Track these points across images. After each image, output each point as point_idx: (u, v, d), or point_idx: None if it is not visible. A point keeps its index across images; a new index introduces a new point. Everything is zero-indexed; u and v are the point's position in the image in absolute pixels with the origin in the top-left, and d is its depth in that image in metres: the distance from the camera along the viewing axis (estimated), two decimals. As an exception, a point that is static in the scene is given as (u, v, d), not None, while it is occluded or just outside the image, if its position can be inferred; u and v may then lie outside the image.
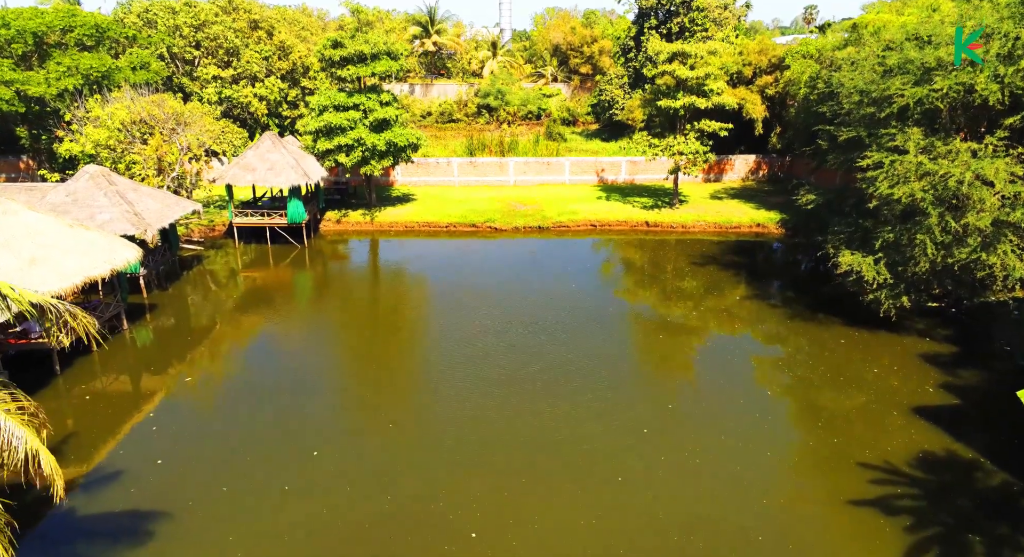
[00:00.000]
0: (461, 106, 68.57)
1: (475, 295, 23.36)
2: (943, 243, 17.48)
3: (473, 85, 69.64)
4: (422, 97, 70.69)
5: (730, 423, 15.44)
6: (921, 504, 12.46)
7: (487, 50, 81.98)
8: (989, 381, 17.08)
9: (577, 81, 74.42)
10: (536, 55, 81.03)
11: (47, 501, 12.79)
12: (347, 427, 15.78)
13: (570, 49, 75.63)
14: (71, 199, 21.43)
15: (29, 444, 7.74)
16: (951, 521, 11.94)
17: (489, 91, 65.11)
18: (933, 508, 12.32)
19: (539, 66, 78.78)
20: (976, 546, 11.33)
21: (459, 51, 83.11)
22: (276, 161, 28.04)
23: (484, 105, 66.07)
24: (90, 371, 18.18)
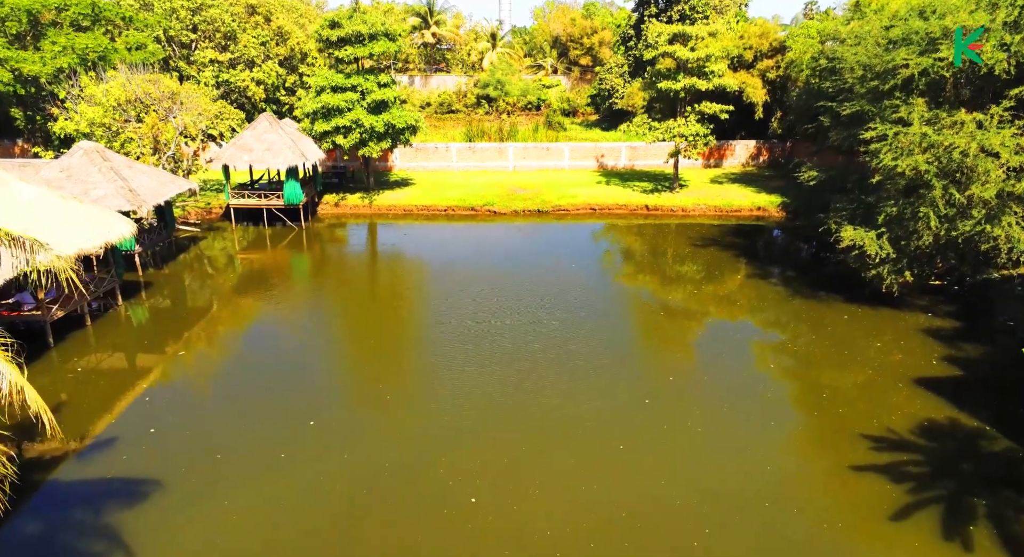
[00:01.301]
0: (460, 97, 68.20)
1: (474, 276, 23.15)
2: (947, 216, 17.28)
3: (472, 76, 69.31)
4: (421, 88, 70.31)
5: (732, 395, 15.28)
6: (925, 470, 12.30)
7: (486, 41, 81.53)
8: (992, 355, 16.92)
9: (577, 73, 74.05)
10: (536, 48, 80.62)
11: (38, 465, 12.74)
12: (344, 400, 15.61)
13: (570, 40, 75.26)
14: (65, 175, 21.19)
15: (13, 379, 7.54)
16: (954, 486, 11.79)
17: (488, 81, 64.74)
18: (937, 473, 12.17)
19: (539, 58, 78.42)
20: (980, 509, 11.18)
21: (458, 43, 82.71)
22: (273, 142, 27.80)
23: (483, 96, 65.70)
24: (84, 345, 17.98)
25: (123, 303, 20.41)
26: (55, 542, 10.77)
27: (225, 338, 19.03)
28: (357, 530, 10.98)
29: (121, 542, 10.59)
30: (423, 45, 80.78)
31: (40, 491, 12.00)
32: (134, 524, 11.06)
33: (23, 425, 13.95)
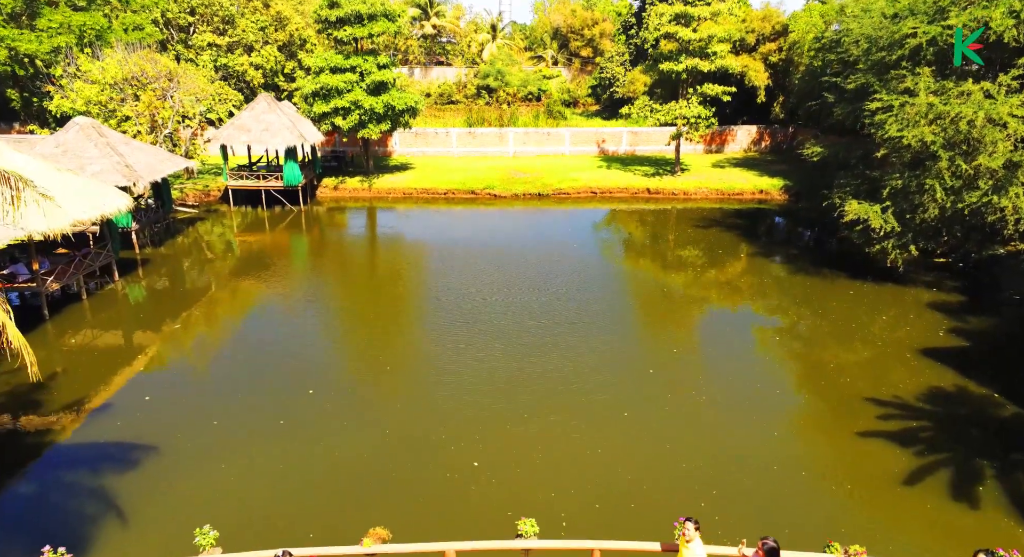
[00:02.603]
0: (460, 88, 67.78)
1: (475, 256, 22.94)
2: (953, 188, 17.08)
3: (472, 68, 68.92)
4: (421, 80, 69.95)
5: (737, 366, 15.11)
6: (930, 434, 12.13)
7: (487, 33, 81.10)
8: (999, 326, 16.75)
9: (578, 64, 73.61)
10: (536, 42, 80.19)
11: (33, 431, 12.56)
12: (344, 371, 15.41)
13: (570, 32, 74.72)
14: (60, 150, 20.94)
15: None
16: (961, 448, 11.62)
17: (489, 72, 64.31)
18: (943, 437, 12.01)
19: (539, 50, 78.00)
20: (987, 470, 11.02)
21: (458, 34, 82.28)
22: (272, 122, 27.53)
23: (484, 86, 65.27)
24: (80, 318, 17.77)
25: (119, 279, 20.19)
26: (49, 504, 10.58)
27: (222, 314, 18.82)
28: (358, 493, 10.79)
29: (114, 503, 10.40)
30: (423, 37, 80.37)
31: (35, 455, 11.80)
32: (128, 486, 10.85)
33: (15, 393, 13.85)
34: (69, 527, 9.87)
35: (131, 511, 10.28)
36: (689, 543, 6.51)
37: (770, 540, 6.15)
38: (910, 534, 9.71)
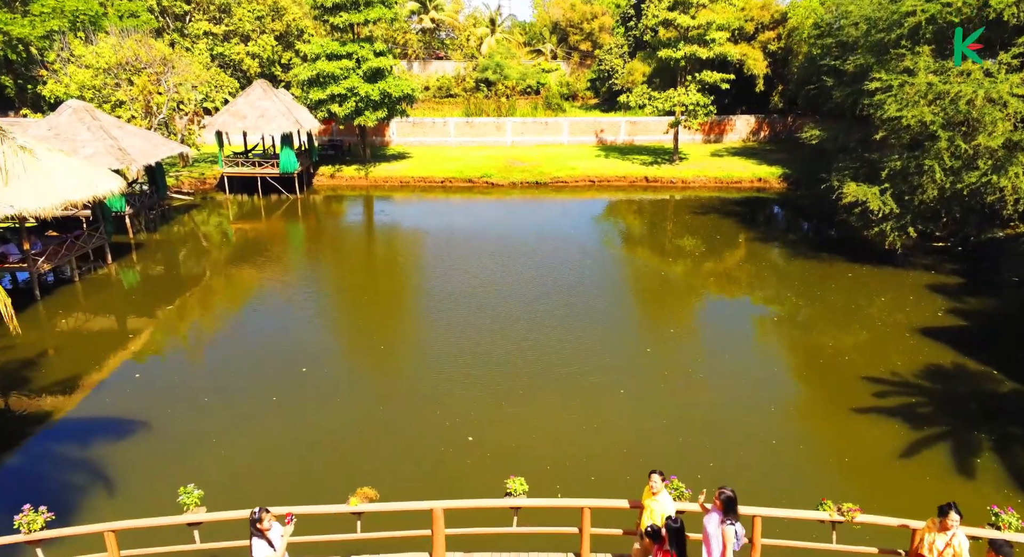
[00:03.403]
0: (459, 81, 67.48)
1: (472, 242, 22.76)
2: (952, 168, 16.96)
3: (472, 60, 68.65)
4: (420, 73, 69.70)
5: (735, 345, 15.02)
6: (929, 410, 12.01)
7: (485, 27, 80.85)
8: (998, 307, 16.66)
9: (577, 58, 73.35)
10: (535, 37, 79.94)
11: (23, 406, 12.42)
12: (338, 350, 15.28)
13: (569, 26, 74.38)
14: (53, 133, 20.75)
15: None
16: (959, 422, 11.51)
17: (488, 65, 64.05)
18: (941, 412, 11.90)
19: (538, 44, 77.75)
20: (984, 443, 10.91)
21: (457, 28, 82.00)
22: (267, 108, 27.34)
23: (482, 79, 64.98)
24: (71, 299, 17.61)
25: (113, 263, 20.02)
26: (35, 473, 10.44)
27: (217, 297, 18.66)
28: (348, 464, 10.65)
29: (100, 472, 10.26)
30: (421, 31, 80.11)
31: (23, 429, 11.66)
32: (115, 456, 10.72)
33: (5, 370, 13.71)
34: (53, 492, 9.72)
35: (117, 478, 10.15)
36: (656, 495, 6.41)
37: (727, 489, 6.08)
38: (907, 502, 9.58)
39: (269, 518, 5.92)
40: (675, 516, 6.06)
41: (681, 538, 5.87)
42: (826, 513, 6.70)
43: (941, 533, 6.02)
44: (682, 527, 5.90)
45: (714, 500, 6.13)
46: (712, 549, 6.11)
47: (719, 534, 6.00)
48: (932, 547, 6.07)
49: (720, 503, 6.05)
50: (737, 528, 6.03)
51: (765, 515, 6.74)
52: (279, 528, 6.05)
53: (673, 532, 5.82)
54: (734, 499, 6.04)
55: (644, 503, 6.54)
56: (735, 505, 6.04)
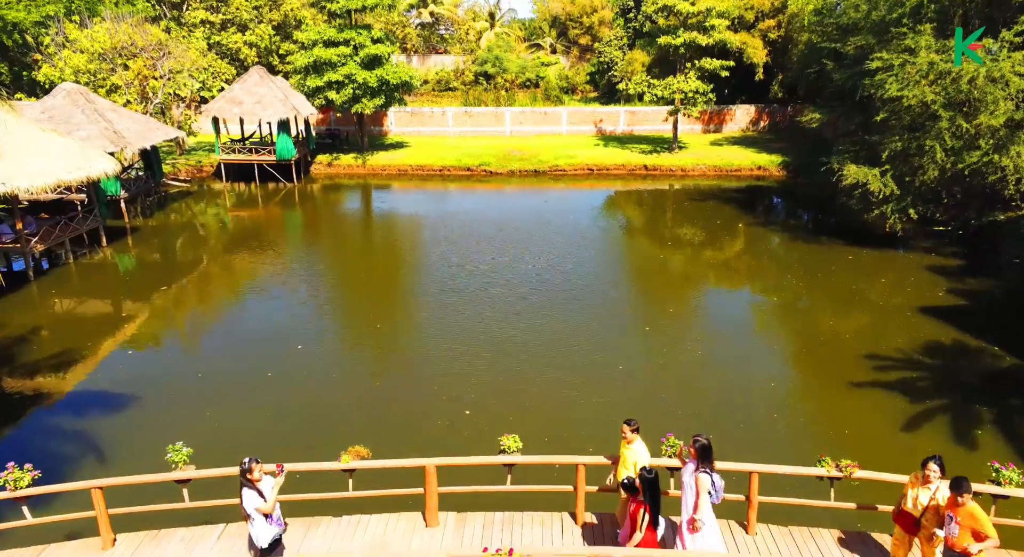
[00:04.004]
0: (458, 75, 67.27)
1: (471, 227, 22.58)
2: (953, 148, 16.80)
3: (471, 54, 68.43)
4: (419, 66, 69.46)
5: (735, 323, 14.95)
6: (928, 383, 11.91)
7: (485, 21, 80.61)
8: (998, 287, 16.57)
9: (576, 52, 73.11)
10: (534, 32, 79.68)
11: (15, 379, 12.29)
12: (334, 329, 15.16)
13: (569, 19, 74.10)
14: (47, 115, 20.58)
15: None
16: (959, 396, 11.41)
17: (487, 58, 63.83)
18: (940, 386, 11.80)
19: (537, 38, 77.50)
20: (984, 415, 10.81)
21: (456, 22, 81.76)
22: (264, 94, 27.16)
23: (481, 73, 64.77)
24: (65, 280, 17.51)
25: (107, 247, 19.88)
26: (29, 445, 10.32)
27: (212, 280, 18.54)
28: (343, 434, 10.45)
29: (93, 444, 10.15)
30: (420, 25, 79.88)
31: (13, 401, 11.55)
32: (108, 429, 10.61)
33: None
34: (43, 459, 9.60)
35: (107, 447, 10.05)
36: (630, 444, 6.28)
37: (702, 437, 5.98)
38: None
39: (259, 469, 5.81)
40: (649, 467, 5.94)
41: (655, 490, 5.75)
42: (824, 469, 6.60)
43: (924, 487, 5.92)
44: (656, 479, 5.79)
45: (689, 449, 6.02)
46: (686, 498, 6.01)
47: (693, 483, 5.90)
48: (916, 502, 5.97)
49: (695, 451, 5.94)
50: (714, 478, 5.92)
51: (762, 471, 6.64)
52: (270, 480, 5.95)
53: (647, 483, 5.71)
54: (709, 447, 5.93)
55: (620, 453, 6.42)
56: (710, 453, 5.94)
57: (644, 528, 5.63)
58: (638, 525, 5.64)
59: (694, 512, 5.87)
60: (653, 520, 5.71)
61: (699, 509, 5.84)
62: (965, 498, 5.41)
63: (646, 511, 5.65)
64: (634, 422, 6.37)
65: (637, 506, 5.70)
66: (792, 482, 8.02)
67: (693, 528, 5.88)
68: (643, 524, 5.62)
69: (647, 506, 5.66)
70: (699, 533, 5.87)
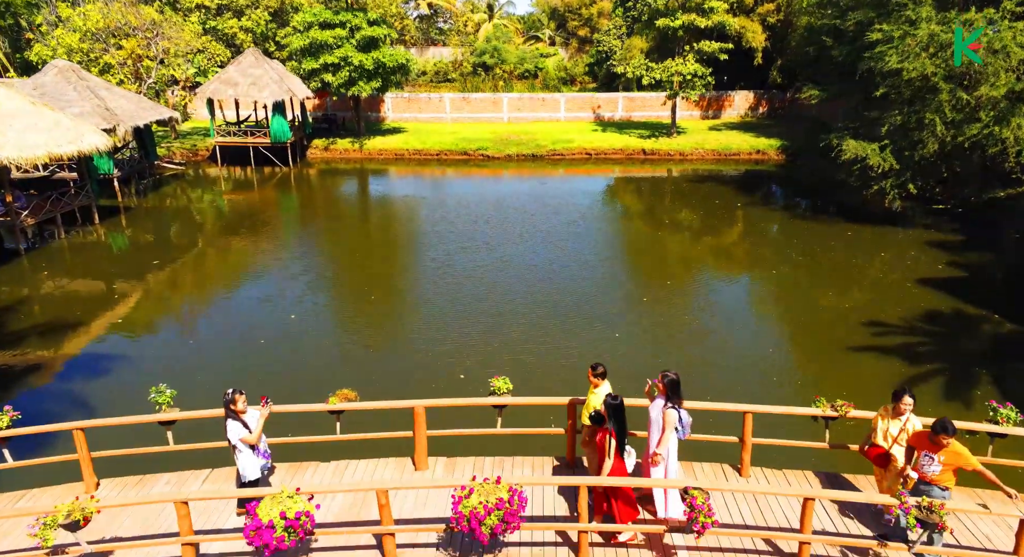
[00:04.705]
0: (456, 66, 66.97)
1: (468, 207, 22.44)
2: (953, 121, 16.68)
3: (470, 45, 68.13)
4: (418, 58, 69.14)
5: (733, 296, 14.88)
6: (927, 349, 11.80)
7: (483, 12, 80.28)
8: (998, 260, 16.47)
9: (575, 44, 72.77)
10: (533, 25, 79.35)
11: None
12: (328, 301, 15.00)
13: (568, 11, 73.84)
14: (38, 93, 20.35)
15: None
16: (958, 359, 11.32)
17: (485, 49, 63.48)
18: (940, 350, 11.69)
19: (536, 30, 77.19)
20: (984, 377, 10.70)
21: (455, 14, 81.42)
22: (259, 76, 26.94)
23: (480, 64, 64.43)
24: (57, 255, 17.34)
25: (100, 224, 19.70)
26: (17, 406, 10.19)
27: (205, 257, 18.38)
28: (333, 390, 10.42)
29: (86, 403, 10.02)
30: (419, 17, 79.53)
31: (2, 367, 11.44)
32: (96, 391, 10.48)
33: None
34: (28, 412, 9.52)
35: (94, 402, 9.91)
36: (596, 389, 6.16)
37: (671, 372, 5.88)
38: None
39: (242, 400, 5.69)
40: (614, 394, 5.81)
41: (620, 416, 5.63)
42: (819, 409, 6.48)
43: (895, 419, 5.83)
44: (621, 405, 5.67)
45: (657, 384, 5.90)
46: (652, 433, 5.88)
47: (660, 419, 5.77)
48: (887, 434, 5.89)
49: (663, 387, 5.82)
50: (682, 413, 5.81)
51: (756, 411, 6.51)
52: (255, 413, 5.83)
53: (612, 408, 5.59)
54: (677, 382, 5.83)
55: (587, 398, 6.27)
56: (678, 388, 5.84)
57: (612, 455, 5.51)
58: (607, 452, 5.52)
59: (657, 446, 5.77)
60: (620, 447, 5.60)
61: (662, 443, 5.74)
62: (949, 440, 5.30)
63: (612, 437, 5.53)
64: (600, 366, 6.24)
65: (604, 433, 5.59)
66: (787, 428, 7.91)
67: (654, 462, 5.78)
68: (611, 450, 5.50)
69: (613, 432, 5.54)
70: (659, 467, 5.78)
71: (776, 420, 9.36)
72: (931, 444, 5.42)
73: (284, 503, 5.04)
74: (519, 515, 5.10)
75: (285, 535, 4.95)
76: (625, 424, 5.71)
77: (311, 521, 5.03)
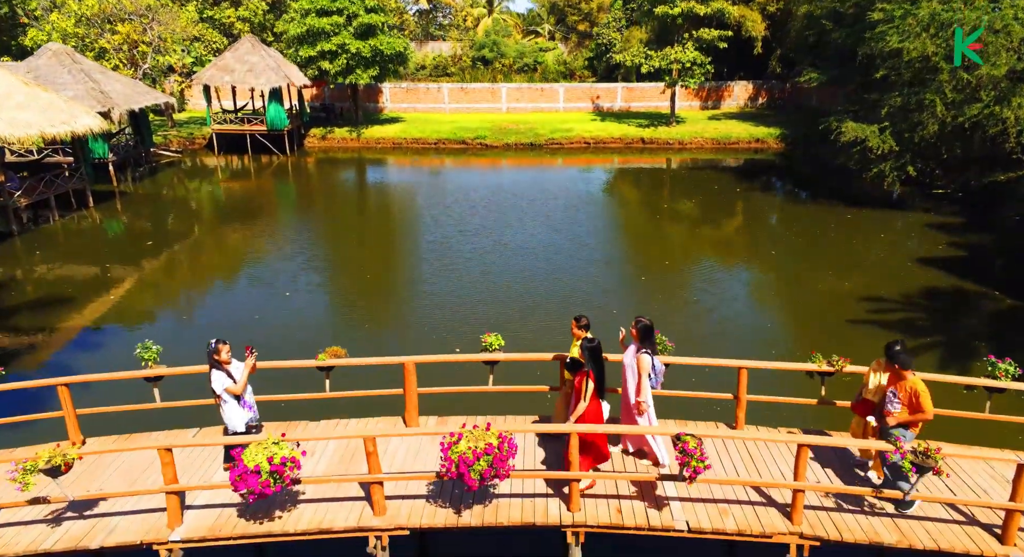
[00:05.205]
0: (456, 60, 66.80)
1: (466, 193, 22.33)
2: (954, 101, 16.55)
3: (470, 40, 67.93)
4: (417, 51, 68.93)
5: (732, 276, 14.75)
6: (927, 323, 11.71)
7: (483, 7, 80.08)
8: (998, 240, 16.37)
9: (575, 38, 72.58)
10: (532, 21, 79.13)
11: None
12: (322, 280, 14.89)
13: (567, 6, 73.67)
14: (32, 76, 20.20)
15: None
16: (959, 332, 11.24)
17: (484, 43, 63.25)
18: (940, 324, 11.63)
19: (536, 25, 77.00)
20: (983, 350, 10.57)
21: (454, 8, 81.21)
22: (256, 62, 26.80)
23: (479, 57, 64.17)
24: (50, 236, 17.22)
25: (94, 207, 19.57)
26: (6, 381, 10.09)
27: (200, 239, 18.25)
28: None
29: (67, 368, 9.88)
30: (418, 12, 79.33)
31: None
32: (88, 359, 10.38)
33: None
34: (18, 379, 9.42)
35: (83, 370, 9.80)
36: (578, 342, 6.03)
37: (644, 318, 5.82)
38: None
39: (227, 350, 5.59)
40: (591, 337, 5.69)
41: (598, 357, 5.52)
42: (815, 364, 6.38)
43: (885, 372, 5.75)
44: (599, 347, 5.57)
45: (630, 330, 5.80)
46: (628, 380, 5.77)
47: (635, 364, 5.66)
48: (878, 387, 5.84)
49: (636, 332, 5.74)
50: (655, 361, 5.71)
51: (751, 366, 6.41)
52: (240, 365, 5.73)
53: (589, 351, 5.48)
54: (650, 327, 5.77)
55: (571, 350, 6.17)
56: (651, 334, 5.78)
57: (588, 397, 5.40)
58: (582, 394, 5.41)
59: (637, 395, 5.66)
60: (598, 390, 5.49)
61: (641, 391, 5.63)
62: (908, 373, 5.30)
63: (590, 378, 5.42)
64: (584, 318, 6.15)
65: (582, 376, 5.49)
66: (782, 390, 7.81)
67: (639, 410, 5.68)
68: (587, 393, 5.39)
69: (591, 373, 5.43)
70: (645, 416, 5.68)
71: (771, 381, 9.33)
72: (895, 378, 5.41)
73: (270, 449, 4.95)
74: (508, 462, 5.00)
75: (271, 480, 4.85)
76: (603, 368, 5.59)
77: (297, 466, 4.94)
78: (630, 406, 5.79)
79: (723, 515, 5.29)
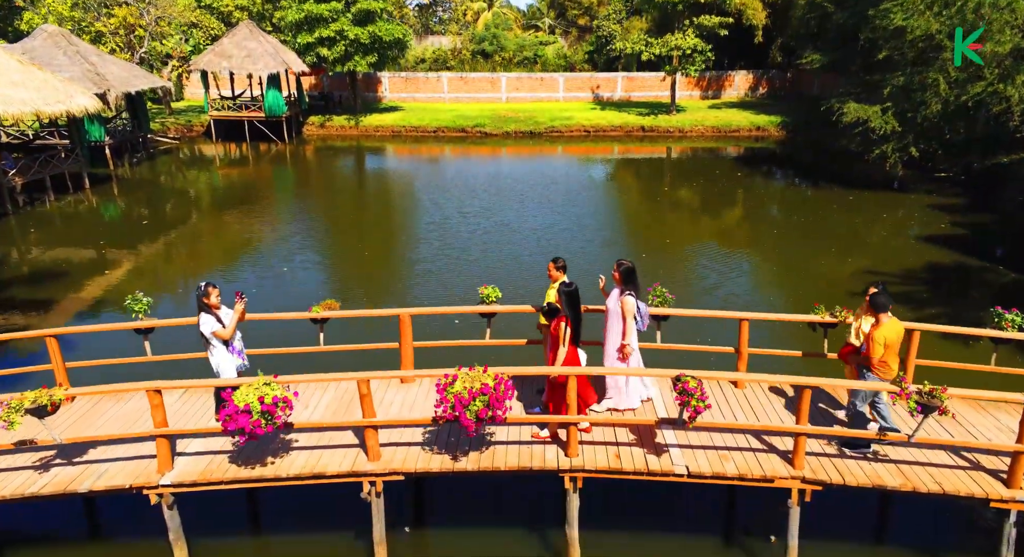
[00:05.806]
0: (455, 54, 66.60)
1: (465, 179, 22.19)
2: (957, 80, 16.39)
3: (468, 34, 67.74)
4: (416, 44, 68.74)
5: (734, 254, 14.63)
6: (930, 296, 11.61)
7: (483, 1, 79.86)
8: (1000, 220, 16.24)
9: (575, 33, 72.39)
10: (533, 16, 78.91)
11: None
12: (319, 258, 14.77)
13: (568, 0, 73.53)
14: (27, 57, 20.06)
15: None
16: (962, 304, 11.14)
17: (484, 36, 63.00)
18: (944, 297, 11.53)
19: (536, 19, 76.79)
20: (985, 322, 10.48)
21: (455, 2, 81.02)
22: (254, 48, 26.65)
23: (478, 51, 63.96)
24: (45, 217, 17.11)
25: (90, 189, 19.44)
26: None
27: (197, 221, 18.15)
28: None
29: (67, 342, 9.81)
30: (418, 6, 79.11)
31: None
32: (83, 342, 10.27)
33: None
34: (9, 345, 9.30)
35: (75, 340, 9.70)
36: (556, 283, 5.93)
37: (626, 261, 5.75)
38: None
39: (216, 294, 5.48)
40: (569, 281, 5.59)
41: (575, 302, 5.38)
42: (817, 316, 6.27)
43: (868, 316, 5.71)
44: (576, 291, 5.42)
45: (613, 274, 5.71)
46: (611, 325, 5.65)
47: (619, 308, 5.54)
48: (859, 331, 5.85)
49: (619, 275, 5.65)
50: (639, 303, 5.61)
51: (753, 318, 6.31)
52: (230, 311, 5.62)
53: (566, 295, 5.35)
54: (633, 269, 5.69)
55: (548, 293, 6.07)
56: (634, 276, 5.69)
57: (567, 341, 5.28)
58: (560, 339, 5.30)
59: (623, 338, 5.55)
60: (575, 335, 5.37)
61: (627, 334, 5.52)
62: (883, 316, 5.37)
63: (567, 324, 5.30)
64: (560, 260, 6.06)
65: (559, 321, 5.38)
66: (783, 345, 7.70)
67: (623, 355, 5.58)
68: (565, 337, 5.28)
69: (567, 318, 5.32)
70: (630, 360, 5.58)
71: (773, 335, 9.24)
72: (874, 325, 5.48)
73: (262, 390, 4.84)
74: (505, 403, 4.90)
75: (261, 420, 4.75)
76: (580, 312, 5.47)
77: (289, 406, 4.84)
78: (613, 354, 5.68)
79: (723, 460, 5.19)
